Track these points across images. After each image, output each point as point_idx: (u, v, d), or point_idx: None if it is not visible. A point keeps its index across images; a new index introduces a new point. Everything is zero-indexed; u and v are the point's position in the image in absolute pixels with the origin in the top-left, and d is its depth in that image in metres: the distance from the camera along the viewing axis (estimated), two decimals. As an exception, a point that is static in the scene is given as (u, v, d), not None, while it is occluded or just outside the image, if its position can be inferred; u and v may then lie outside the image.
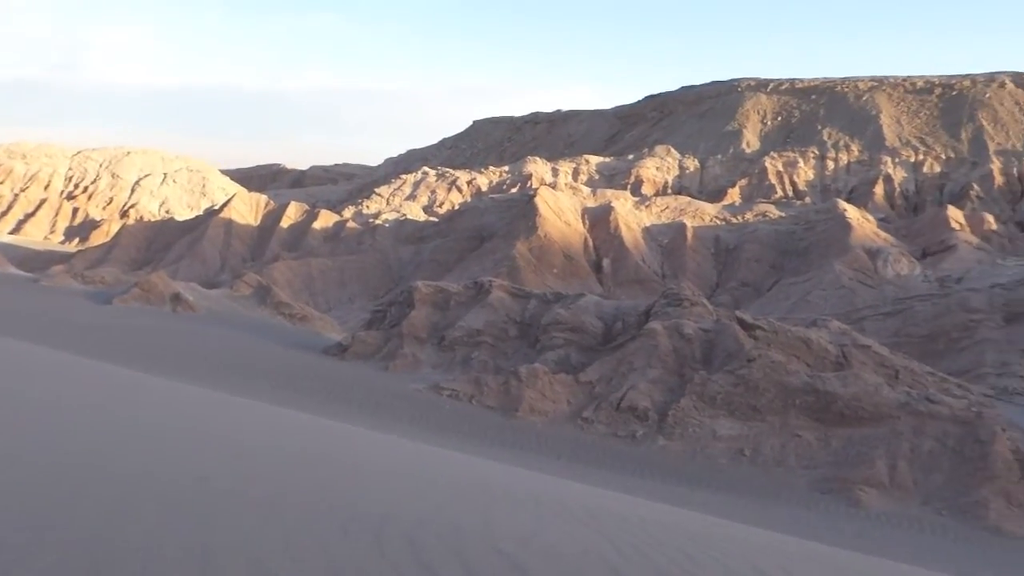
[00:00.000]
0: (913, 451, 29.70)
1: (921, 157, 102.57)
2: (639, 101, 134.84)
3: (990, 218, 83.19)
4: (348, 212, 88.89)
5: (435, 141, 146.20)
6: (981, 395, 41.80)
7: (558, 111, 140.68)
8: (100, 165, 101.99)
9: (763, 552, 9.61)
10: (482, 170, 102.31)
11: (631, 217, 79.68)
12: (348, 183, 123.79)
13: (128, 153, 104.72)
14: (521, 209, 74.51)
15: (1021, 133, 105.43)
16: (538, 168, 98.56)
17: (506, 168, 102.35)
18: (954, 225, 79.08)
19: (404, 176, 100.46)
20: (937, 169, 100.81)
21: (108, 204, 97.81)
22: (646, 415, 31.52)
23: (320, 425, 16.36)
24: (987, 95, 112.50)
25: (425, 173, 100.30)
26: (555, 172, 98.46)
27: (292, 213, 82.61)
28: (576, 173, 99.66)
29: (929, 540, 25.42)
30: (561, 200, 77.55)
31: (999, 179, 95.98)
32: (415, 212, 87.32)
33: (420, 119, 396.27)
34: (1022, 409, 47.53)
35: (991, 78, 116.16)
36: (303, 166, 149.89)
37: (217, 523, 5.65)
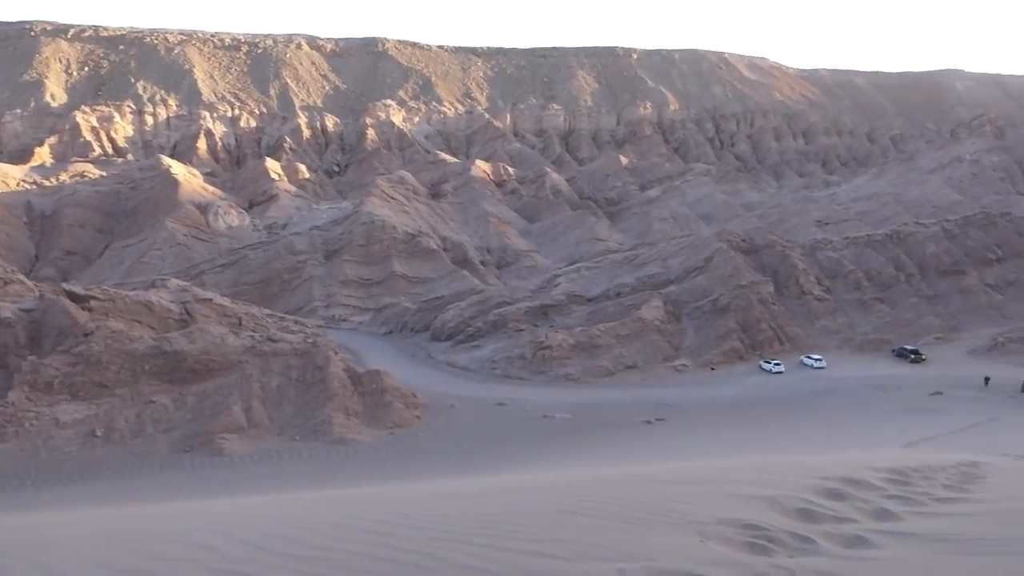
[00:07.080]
0: (264, 389, 31.73)
1: (237, 112, 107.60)
2: None
3: (303, 168, 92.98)
4: None
5: None
6: (315, 327, 46.92)
7: None
8: None
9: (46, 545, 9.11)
10: None
11: (-91, 186, 64.82)
12: None
13: None
14: None
15: (320, 91, 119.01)
16: None
17: None
18: (274, 176, 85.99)
19: None
20: (253, 124, 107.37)
21: None
22: (-34, 420, 26.66)
23: None
24: (288, 55, 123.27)
25: None
26: None
27: None
28: None
29: (288, 466, 27.71)
30: None
31: (306, 132, 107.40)
32: None
33: None
34: (347, 332, 55.08)
35: (289, 39, 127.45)
36: None
37: None
